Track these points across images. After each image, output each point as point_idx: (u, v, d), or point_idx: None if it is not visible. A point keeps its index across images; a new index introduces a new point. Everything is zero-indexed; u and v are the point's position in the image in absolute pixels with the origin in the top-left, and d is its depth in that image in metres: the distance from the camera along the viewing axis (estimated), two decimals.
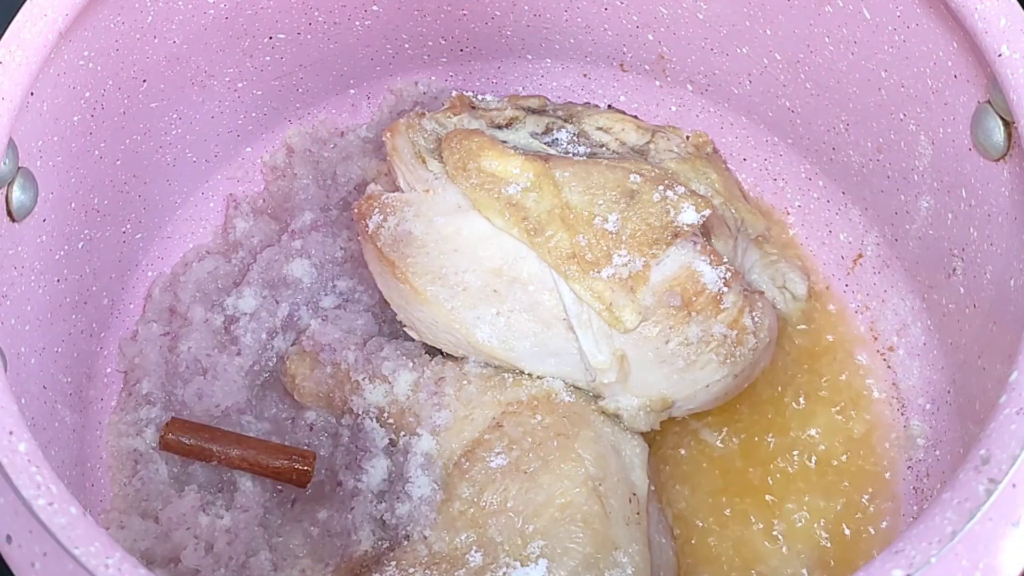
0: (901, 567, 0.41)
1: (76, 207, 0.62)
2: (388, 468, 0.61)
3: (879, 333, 0.72)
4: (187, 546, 0.63)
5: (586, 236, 0.62)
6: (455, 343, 0.63)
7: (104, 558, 0.42)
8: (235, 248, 0.74)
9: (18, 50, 0.52)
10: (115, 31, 0.60)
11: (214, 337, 0.69)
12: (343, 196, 0.75)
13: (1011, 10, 0.52)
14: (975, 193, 0.59)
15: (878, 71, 0.64)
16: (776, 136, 0.76)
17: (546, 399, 0.62)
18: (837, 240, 0.75)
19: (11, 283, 0.56)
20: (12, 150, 0.53)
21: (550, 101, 0.74)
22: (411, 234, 0.63)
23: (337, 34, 0.73)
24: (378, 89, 0.79)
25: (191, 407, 0.67)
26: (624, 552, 0.57)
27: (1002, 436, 0.44)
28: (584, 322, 0.61)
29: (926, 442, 0.68)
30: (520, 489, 0.58)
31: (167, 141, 0.70)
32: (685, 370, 0.62)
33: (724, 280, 0.63)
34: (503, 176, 0.63)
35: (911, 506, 0.67)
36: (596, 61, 0.78)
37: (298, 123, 0.78)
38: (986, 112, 0.56)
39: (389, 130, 0.68)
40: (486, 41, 0.77)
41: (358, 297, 0.70)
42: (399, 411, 0.62)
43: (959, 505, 0.42)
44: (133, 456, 0.67)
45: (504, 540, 0.57)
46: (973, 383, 0.63)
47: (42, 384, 0.60)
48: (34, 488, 0.44)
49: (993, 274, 0.59)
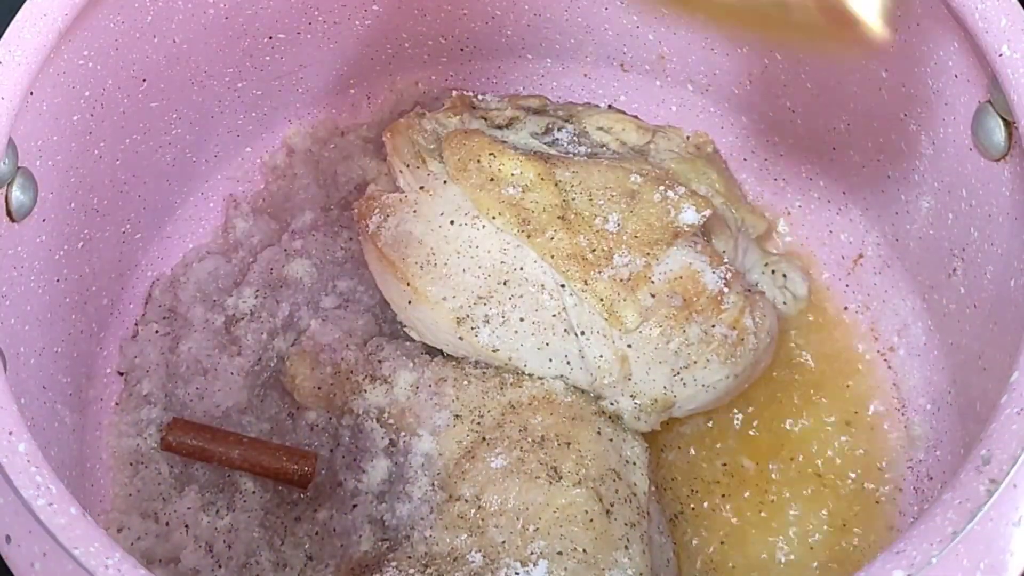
0: (902, 567, 0.41)
1: (76, 207, 0.62)
2: (388, 468, 0.61)
3: (879, 333, 0.72)
4: (187, 546, 0.63)
5: (587, 236, 0.62)
6: (455, 343, 0.63)
7: (104, 558, 0.42)
8: (235, 248, 0.74)
9: (18, 50, 0.52)
10: (115, 31, 0.60)
11: (214, 337, 0.69)
12: (343, 196, 0.75)
13: (1012, 10, 0.52)
14: (976, 193, 0.59)
15: (879, 71, 0.64)
16: (777, 136, 0.76)
17: (546, 400, 0.62)
18: (837, 240, 0.75)
19: (10, 283, 0.55)
20: (12, 150, 0.53)
21: (550, 101, 0.74)
22: (411, 234, 0.63)
23: (337, 34, 0.73)
24: (378, 89, 0.79)
25: (192, 407, 0.67)
26: (624, 553, 0.57)
27: (1003, 436, 0.44)
28: (585, 322, 0.61)
29: (927, 442, 0.68)
30: (520, 490, 0.58)
31: (167, 141, 0.70)
32: (686, 370, 0.62)
33: (725, 280, 0.63)
34: (503, 176, 0.63)
35: (912, 506, 0.67)
36: (596, 61, 0.78)
37: (298, 123, 0.78)
38: (987, 112, 0.56)
39: (389, 130, 0.68)
40: (486, 41, 0.77)
41: (358, 297, 0.70)
42: (399, 411, 0.62)
43: (960, 505, 0.42)
44: (134, 456, 0.67)
45: (504, 541, 0.57)
46: (974, 383, 0.63)
47: (42, 384, 0.59)
48: (34, 488, 0.44)
49: (994, 274, 0.59)
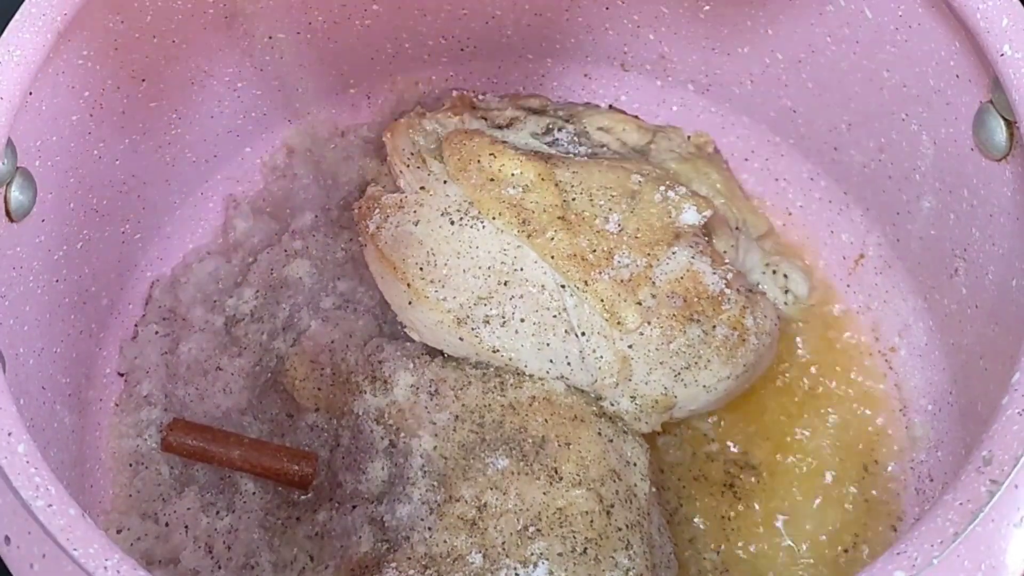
0: (903, 568, 0.41)
1: (75, 207, 0.62)
2: (388, 469, 0.61)
3: (881, 334, 0.72)
4: (187, 547, 0.63)
5: (587, 237, 0.62)
6: (455, 344, 0.63)
7: (103, 559, 0.42)
8: (235, 248, 0.74)
9: (17, 50, 0.52)
10: (114, 31, 0.60)
11: (215, 338, 0.70)
12: (343, 196, 0.75)
13: (1013, 10, 0.52)
14: (977, 193, 0.59)
15: (880, 71, 0.64)
16: (778, 136, 0.76)
17: (547, 400, 0.62)
18: (839, 240, 0.75)
19: (10, 283, 0.55)
20: (11, 150, 0.53)
21: (551, 101, 0.74)
22: (412, 235, 0.63)
23: (337, 34, 0.73)
24: (378, 89, 0.79)
25: (192, 408, 0.67)
26: (625, 553, 0.57)
27: (1004, 437, 0.44)
28: (585, 323, 0.61)
29: (928, 443, 0.68)
30: (521, 491, 0.58)
31: (166, 141, 0.70)
32: (687, 371, 0.62)
33: (726, 280, 0.63)
34: (504, 176, 0.63)
35: (913, 507, 0.67)
36: (597, 61, 0.78)
37: (298, 123, 0.78)
38: (988, 112, 0.56)
39: (389, 130, 0.68)
40: (486, 41, 0.77)
41: (359, 298, 0.70)
42: (399, 412, 0.62)
43: (961, 506, 0.42)
44: (134, 457, 0.67)
45: (505, 541, 0.56)
46: (975, 384, 0.63)
47: (41, 385, 0.59)
48: (33, 489, 0.44)
49: (995, 275, 0.59)
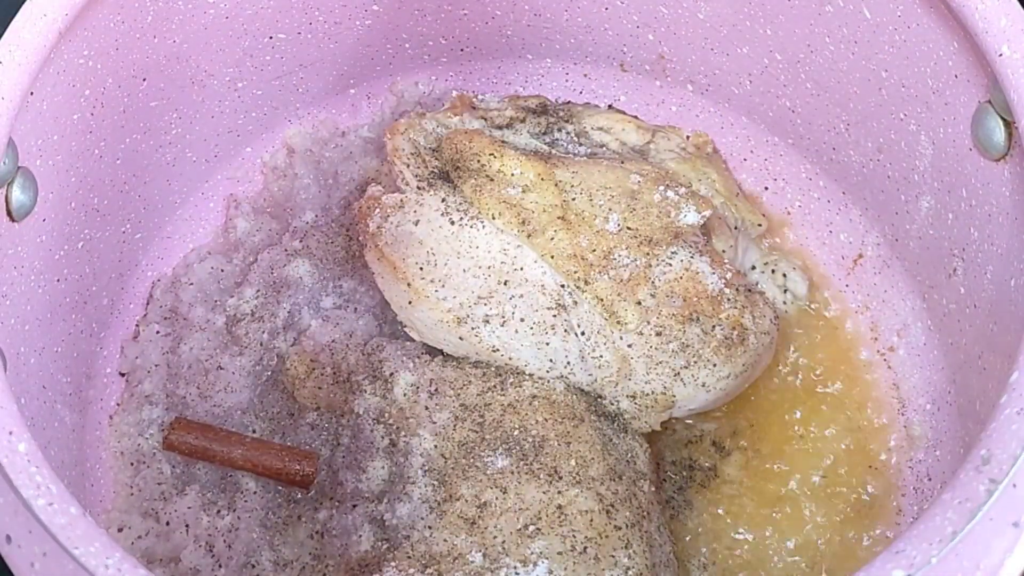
0: (902, 567, 0.41)
1: (76, 207, 0.62)
2: (388, 469, 0.61)
3: (879, 333, 0.72)
4: (187, 546, 0.63)
5: (587, 236, 0.62)
6: (455, 344, 0.63)
7: (104, 558, 0.42)
8: (236, 248, 0.74)
9: (18, 49, 0.52)
10: (115, 30, 0.60)
11: (216, 337, 0.70)
12: (344, 196, 0.75)
13: (1012, 10, 0.52)
14: (976, 193, 0.59)
15: (878, 71, 0.64)
16: (776, 136, 0.76)
17: (547, 399, 0.62)
18: (837, 240, 0.75)
19: (11, 283, 0.55)
20: (12, 149, 0.53)
21: (550, 101, 0.74)
22: (412, 235, 0.63)
23: (337, 34, 0.73)
24: (378, 89, 0.79)
25: (193, 407, 0.67)
26: (625, 552, 0.57)
27: (1003, 436, 0.44)
28: (585, 322, 0.61)
29: (927, 442, 0.68)
30: (521, 490, 0.58)
31: (167, 141, 0.70)
32: (686, 370, 0.62)
33: (725, 280, 0.63)
34: (504, 176, 0.63)
35: (912, 506, 0.67)
36: (596, 61, 0.78)
37: (298, 123, 0.78)
38: (987, 112, 0.56)
39: (390, 130, 0.68)
40: (486, 41, 0.77)
41: (359, 297, 0.70)
42: (399, 412, 0.62)
43: (960, 505, 0.42)
44: (135, 456, 0.67)
45: (505, 541, 0.56)
46: (974, 383, 0.63)
47: (42, 384, 0.59)
48: (34, 488, 0.44)
49: (994, 274, 0.59)
